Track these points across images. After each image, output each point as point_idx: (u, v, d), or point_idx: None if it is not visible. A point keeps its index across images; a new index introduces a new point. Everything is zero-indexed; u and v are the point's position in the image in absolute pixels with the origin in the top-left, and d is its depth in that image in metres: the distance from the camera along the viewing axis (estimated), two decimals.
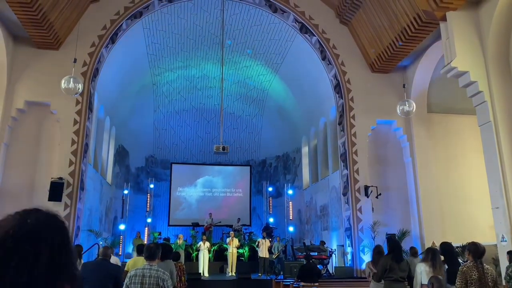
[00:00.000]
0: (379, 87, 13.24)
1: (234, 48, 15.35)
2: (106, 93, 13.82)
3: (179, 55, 15.73)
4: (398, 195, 12.94)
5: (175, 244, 13.98)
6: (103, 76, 12.85)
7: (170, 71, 16.73)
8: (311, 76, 14.83)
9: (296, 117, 17.99)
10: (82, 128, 11.56)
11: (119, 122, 16.52)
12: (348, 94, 13.11)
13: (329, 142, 14.85)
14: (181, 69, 16.88)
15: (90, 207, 12.92)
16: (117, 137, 16.61)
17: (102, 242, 12.77)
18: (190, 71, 17.19)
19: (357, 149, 12.70)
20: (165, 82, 17.46)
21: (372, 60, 13.06)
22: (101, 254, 4.93)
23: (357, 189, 12.39)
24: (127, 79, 15.08)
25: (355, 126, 12.87)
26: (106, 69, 12.90)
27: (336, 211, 13.76)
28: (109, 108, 14.82)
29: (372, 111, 13.01)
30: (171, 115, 19.33)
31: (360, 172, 12.56)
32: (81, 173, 11.30)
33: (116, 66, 13.57)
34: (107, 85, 13.58)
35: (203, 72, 17.42)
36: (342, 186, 13.13)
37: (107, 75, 13.18)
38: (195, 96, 18.88)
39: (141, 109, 17.92)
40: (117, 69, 13.81)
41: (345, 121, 13.01)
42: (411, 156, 12.95)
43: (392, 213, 12.71)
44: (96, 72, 12.31)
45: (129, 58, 14.13)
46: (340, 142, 13.34)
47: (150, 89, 17.41)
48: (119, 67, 13.86)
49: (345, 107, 13.05)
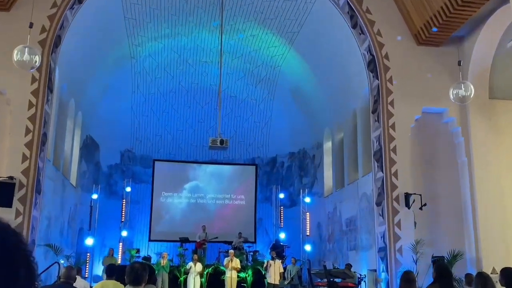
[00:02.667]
0: (426, 65, 13.23)
1: (236, 11, 15.36)
2: (70, 69, 13.83)
3: (165, 20, 15.73)
4: (448, 206, 12.92)
5: (157, 265, 14.05)
6: (67, 46, 12.82)
7: (153, 40, 16.76)
8: (337, 49, 14.81)
9: (316, 103, 17.98)
10: (39, 113, 11.59)
11: (87, 106, 16.43)
12: (385, 74, 13.08)
13: (360, 135, 14.83)
14: (168, 38, 16.88)
15: (49, 215, 12.93)
16: (85, 126, 16.58)
17: (64, 260, 12.75)
18: (179, 40, 17.17)
19: (396, 145, 12.69)
20: (147, 54, 17.50)
21: (418, 28, 13.03)
22: (63, 276, 4.94)
23: (395, 197, 12.41)
24: (98, 50, 15.05)
25: (394, 116, 12.86)
26: (71, 37, 12.87)
27: (367, 225, 13.77)
28: (75, 88, 14.81)
29: (417, 96, 13.02)
30: (154, 98, 19.32)
31: (400, 175, 12.55)
32: (37, 172, 11.33)
33: (84, 33, 13.55)
34: (71, 58, 13.58)
35: (197, 42, 17.42)
36: (375, 193, 13.13)
37: (72, 45, 13.15)
38: (186, 74, 18.88)
39: (115, 89, 17.87)
40: (85, 37, 13.78)
41: (381, 108, 13.00)
42: (467, 155, 12.93)
43: (441, 230, 12.71)
44: (58, 41, 12.32)
45: (100, 23, 14.11)
46: (374, 136, 13.33)
47: (127, 63, 17.42)
48: (88, 34, 13.82)
49: (382, 90, 13.05)
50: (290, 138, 19.93)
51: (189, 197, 19.35)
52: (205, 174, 19.60)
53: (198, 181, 19.52)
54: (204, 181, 19.54)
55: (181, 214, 19.17)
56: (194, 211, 19.10)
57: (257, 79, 19.06)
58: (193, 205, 19.25)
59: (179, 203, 19.25)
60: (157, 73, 18.52)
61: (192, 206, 19.24)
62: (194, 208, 19.21)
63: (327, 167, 17.92)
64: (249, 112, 20.09)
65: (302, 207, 18.13)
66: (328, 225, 17.14)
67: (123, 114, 19.03)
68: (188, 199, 19.32)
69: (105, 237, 17.51)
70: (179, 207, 19.23)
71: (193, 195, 19.38)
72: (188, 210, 19.19)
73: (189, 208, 19.22)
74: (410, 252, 12.00)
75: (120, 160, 19.47)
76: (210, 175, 19.64)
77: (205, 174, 19.60)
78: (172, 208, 19.18)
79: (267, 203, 19.82)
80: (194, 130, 19.95)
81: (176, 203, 19.25)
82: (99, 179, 18.12)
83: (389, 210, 12.36)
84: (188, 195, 19.36)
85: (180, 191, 19.32)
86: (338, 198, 16.39)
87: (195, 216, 18.68)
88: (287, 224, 18.82)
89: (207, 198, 19.42)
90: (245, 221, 19.09)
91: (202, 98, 19.69)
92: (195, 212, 19.06)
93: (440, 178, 13.04)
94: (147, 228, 18.83)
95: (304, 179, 19.48)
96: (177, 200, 19.27)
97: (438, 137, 13.32)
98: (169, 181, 19.31)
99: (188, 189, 19.36)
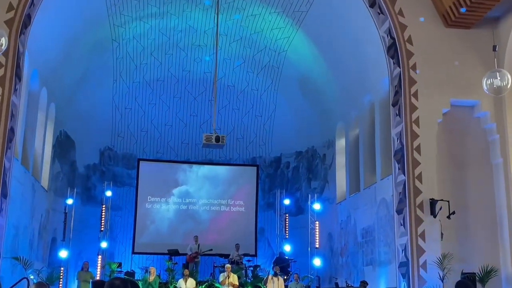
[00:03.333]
0: (456, 50, 13.19)
1: None
2: (42, 53, 13.70)
3: None
4: (481, 214, 12.87)
5: (143, 282, 13.95)
6: (38, 27, 12.70)
7: (138, 20, 16.65)
8: (352, 31, 14.74)
9: (328, 94, 17.82)
10: (5, 105, 11.53)
11: (61, 97, 16.30)
12: (408, 60, 13.01)
13: (378, 132, 14.79)
14: (155, 17, 16.78)
15: (16, 223, 12.84)
16: (58, 120, 16.46)
17: (34, 276, 12.60)
18: (168, 21, 17.07)
19: (421, 143, 12.65)
20: (131, 37, 17.37)
21: (446, 8, 12.94)
22: None
23: (419, 204, 12.33)
24: (74, 32, 14.94)
25: (418, 109, 12.81)
26: (43, 17, 12.73)
27: (386, 237, 13.69)
28: (47, 76, 14.72)
29: (445, 86, 12.97)
30: (139, 88, 19.19)
31: (424, 178, 12.47)
32: (3, 173, 11.28)
33: (58, 12, 13.39)
34: (43, 41, 13.45)
35: (189, 23, 17.30)
36: (396, 199, 13.03)
37: (44, 26, 13.02)
38: (176, 60, 18.70)
39: (94, 77, 17.74)
40: (59, 17, 13.63)
41: (402, 101, 12.94)
42: (503, 156, 12.87)
43: (472, 242, 12.64)
44: (27, 21, 12.23)
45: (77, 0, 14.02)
46: (395, 132, 13.27)
47: (108, 47, 17.30)
48: (62, 13, 13.67)
49: (404, 79, 12.98)
50: (296, 135, 19.70)
51: (179, 203, 19.16)
52: (198, 176, 19.44)
53: (190, 184, 19.35)
54: (197, 185, 19.35)
55: (170, 222, 18.98)
56: (185, 219, 18.93)
57: (259, 66, 18.85)
58: (183, 212, 19.08)
59: (168, 210, 19.08)
60: (142, 59, 18.31)
61: (183, 214, 19.07)
62: (185, 215, 19.04)
63: (339, 169, 17.78)
64: (250, 105, 19.89)
65: (311, 215, 17.90)
66: (341, 236, 17.00)
67: (103, 106, 18.85)
68: (178, 205, 19.13)
69: (82, 249, 17.31)
70: (168, 215, 19.05)
71: (184, 201, 19.20)
72: (178, 218, 19.00)
73: (179, 215, 19.03)
74: (435, 268, 11.87)
75: (100, 160, 19.27)
76: (204, 177, 19.47)
77: (198, 176, 19.44)
78: (160, 215, 19.00)
79: (270, 210, 19.68)
80: (186, 125, 19.80)
81: (164, 210, 19.07)
82: (74, 182, 17.92)
83: (411, 219, 12.28)
84: (178, 201, 19.17)
85: (169, 196, 19.15)
86: (353, 205, 16.27)
87: (186, 225, 18.56)
88: (293, 234, 18.59)
89: (200, 204, 19.25)
90: (244, 231, 18.89)
91: (195, 88, 19.52)
92: (186, 220, 18.91)
93: (471, 182, 13.04)
94: (131, 239, 18.59)
95: (313, 183, 19.29)
96: (166, 206, 19.09)
97: (469, 134, 13.30)
98: (156, 184, 19.10)
99: (178, 194, 19.20)
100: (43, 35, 13.30)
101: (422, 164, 12.57)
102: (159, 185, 19.19)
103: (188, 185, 19.37)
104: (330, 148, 18.49)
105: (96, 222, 17.77)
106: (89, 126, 18.44)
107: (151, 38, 17.74)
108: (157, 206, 19.11)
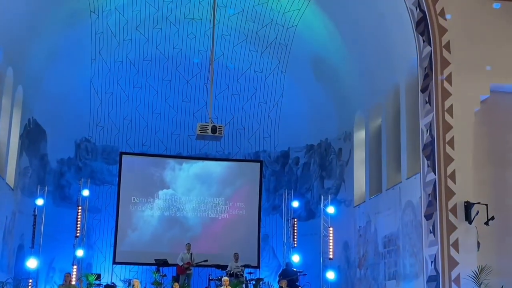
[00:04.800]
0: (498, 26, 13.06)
1: None
2: (6, 28, 13.59)
3: None
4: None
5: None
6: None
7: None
8: (374, 3, 14.69)
9: (345, 77, 17.76)
10: None
11: (30, 79, 16.30)
12: (441, 38, 12.89)
13: (404, 123, 14.69)
14: None
15: None
16: (27, 106, 16.48)
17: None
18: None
19: (454, 136, 12.56)
20: (113, 8, 17.39)
21: None
22: None
23: (452, 208, 12.25)
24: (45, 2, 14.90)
25: (451, 95, 12.71)
26: None
27: (412, 246, 13.65)
28: (13, 54, 14.62)
29: (484, 69, 12.85)
30: (122, 69, 19.16)
31: (459, 178, 12.37)
32: None
33: None
34: (7, 13, 13.35)
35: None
36: (424, 202, 12.94)
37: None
38: (166, 35, 18.71)
39: (69, 56, 17.70)
40: None
41: (433, 85, 12.82)
42: None
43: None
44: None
45: None
46: (424, 123, 13.18)
47: (86, 20, 17.30)
48: None
49: (435, 60, 12.84)
50: (307, 125, 19.78)
51: (169, 205, 19.23)
52: (190, 173, 19.45)
53: (181, 182, 19.38)
54: (189, 183, 19.39)
55: (158, 227, 19.00)
56: (175, 224, 19.00)
57: (264, 44, 18.84)
58: (174, 216, 19.12)
59: (155, 213, 19.10)
60: (126, 34, 18.32)
61: (173, 217, 19.11)
62: (175, 219, 19.08)
63: (358, 166, 17.75)
64: (252, 89, 19.93)
65: (324, 219, 17.91)
66: (359, 245, 17.00)
67: (80, 90, 18.87)
68: (167, 207, 19.19)
69: (54, 258, 17.42)
70: (155, 219, 19.08)
71: (174, 202, 19.26)
72: (167, 223, 19.04)
73: (168, 219, 19.07)
74: (471, 283, 11.74)
75: (75, 153, 19.29)
76: (198, 174, 19.49)
77: (190, 173, 19.45)
78: (146, 219, 19.00)
79: (276, 214, 19.78)
80: (177, 113, 19.84)
81: (151, 213, 19.07)
82: (46, 179, 17.95)
83: (443, 226, 12.16)
84: (167, 202, 19.25)
85: (157, 196, 19.17)
86: (373, 208, 16.25)
87: (177, 231, 18.68)
88: (303, 242, 18.71)
89: (193, 206, 19.29)
90: (245, 238, 18.99)
91: (188, 69, 19.53)
92: (177, 225, 18.98)
93: None
94: (111, 246, 18.63)
95: (326, 182, 19.35)
96: (153, 208, 19.12)
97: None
98: (141, 183, 19.14)
99: (167, 194, 19.25)
100: (7, 6, 13.18)
101: (455, 160, 12.41)
102: (145, 184, 19.19)
103: (179, 184, 19.48)
104: (347, 141, 18.42)
105: (71, 226, 17.68)
106: (62, 113, 18.40)
107: (136, 9, 17.74)
108: (142, 208, 19.13)
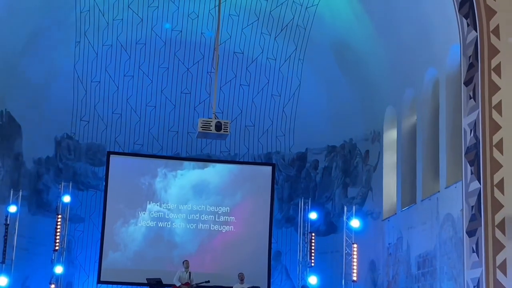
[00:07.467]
0: None
1: None
2: None
3: None
4: None
5: None
6: None
7: None
8: None
9: (374, 67, 17.87)
10: None
11: (4, 66, 16.64)
12: (489, 21, 12.39)
13: (444, 121, 14.50)
14: None
15: None
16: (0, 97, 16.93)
17: None
18: None
19: (503, 138, 12.12)
20: None
21: None
22: None
23: (499, 223, 11.77)
24: None
25: (500, 90, 12.21)
26: None
27: (451, 267, 13.43)
28: None
29: None
30: (111, 53, 19.53)
31: (508, 187, 11.83)
32: None
33: None
34: None
35: None
36: (467, 216, 12.48)
37: None
38: (164, 15, 18.94)
39: (49, 39, 18.07)
40: None
41: (479, 78, 12.32)
42: None
43: None
44: None
45: None
46: (468, 122, 12.73)
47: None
48: None
49: (482, 48, 12.34)
50: (329, 123, 19.94)
51: (164, 214, 19.21)
52: (190, 177, 19.55)
53: (179, 188, 19.39)
54: (188, 188, 19.43)
55: (151, 240, 19.01)
56: (170, 237, 19.05)
57: (278, 26, 19.03)
58: (169, 227, 19.17)
59: (148, 224, 19.12)
60: (116, 13, 18.49)
61: (168, 229, 19.14)
62: (170, 232, 19.11)
63: (388, 171, 17.75)
64: (264, 80, 20.08)
65: (347, 235, 17.93)
66: (388, 265, 17.00)
67: (61, 78, 19.15)
68: (161, 217, 19.19)
69: (28, 275, 17.73)
70: (148, 230, 19.10)
71: (170, 212, 19.29)
72: (161, 235, 19.08)
73: (162, 231, 19.10)
74: None
75: (55, 152, 19.52)
76: (199, 178, 19.57)
77: (190, 177, 19.55)
78: (137, 231, 19.03)
79: (290, 227, 20.05)
80: (175, 106, 20.07)
81: (143, 224, 19.09)
82: (20, 182, 18.08)
83: (488, 244, 11.67)
84: (161, 211, 19.22)
85: (150, 204, 19.17)
86: (406, 222, 16.06)
87: (173, 245, 18.83)
88: (322, 261, 18.80)
89: (192, 215, 19.29)
90: (253, 255, 19.07)
91: (189, 55, 19.79)
92: (173, 238, 19.03)
93: None
94: (96, 262, 18.73)
95: (350, 190, 19.42)
96: (145, 219, 19.08)
97: None
98: (132, 188, 19.18)
99: (162, 201, 19.30)
100: None
101: (504, 167, 11.93)
102: (136, 189, 19.29)
103: (176, 189, 19.44)
104: (376, 143, 18.52)
105: (49, 238, 17.99)
106: (41, 106, 18.79)
107: None
108: (133, 218, 19.11)
